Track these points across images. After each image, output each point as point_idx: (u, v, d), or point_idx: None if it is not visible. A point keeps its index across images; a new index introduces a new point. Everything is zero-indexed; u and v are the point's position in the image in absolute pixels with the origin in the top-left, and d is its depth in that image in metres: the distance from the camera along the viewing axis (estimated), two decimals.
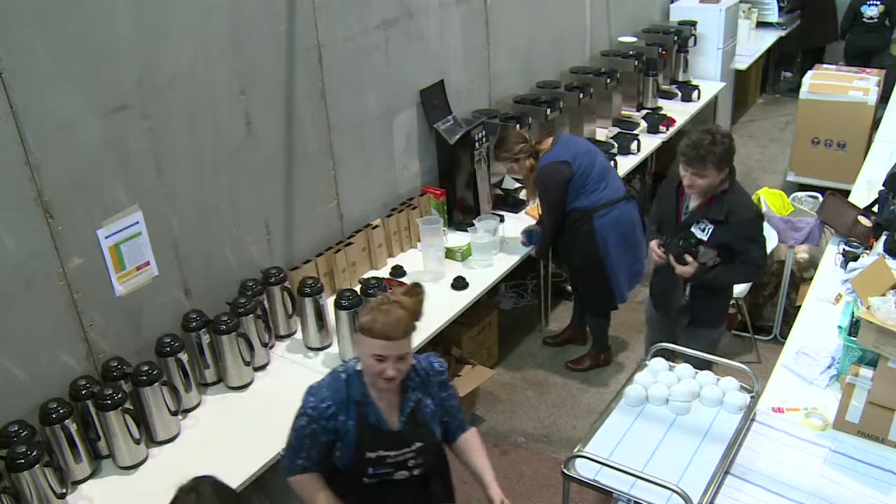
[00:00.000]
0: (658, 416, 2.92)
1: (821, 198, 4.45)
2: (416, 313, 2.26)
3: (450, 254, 4.17)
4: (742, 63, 7.37)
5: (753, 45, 7.65)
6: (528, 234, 4.32)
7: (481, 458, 2.50)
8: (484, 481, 2.45)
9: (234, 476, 2.78)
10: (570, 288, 5.32)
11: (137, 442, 2.90)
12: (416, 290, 2.30)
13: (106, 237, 2.93)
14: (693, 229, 3.23)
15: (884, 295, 2.74)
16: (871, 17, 7.22)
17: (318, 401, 2.30)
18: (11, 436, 2.67)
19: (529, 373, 4.64)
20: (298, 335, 3.61)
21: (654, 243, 3.39)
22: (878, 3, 7.16)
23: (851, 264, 3.55)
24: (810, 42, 8.22)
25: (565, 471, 2.67)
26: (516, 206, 4.73)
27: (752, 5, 7.81)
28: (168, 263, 3.20)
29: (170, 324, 3.22)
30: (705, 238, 3.21)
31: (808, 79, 6.17)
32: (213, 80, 3.22)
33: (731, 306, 4.91)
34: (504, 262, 4.19)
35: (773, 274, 4.72)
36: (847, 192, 4.52)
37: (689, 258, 3.18)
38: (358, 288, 3.53)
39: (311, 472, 2.38)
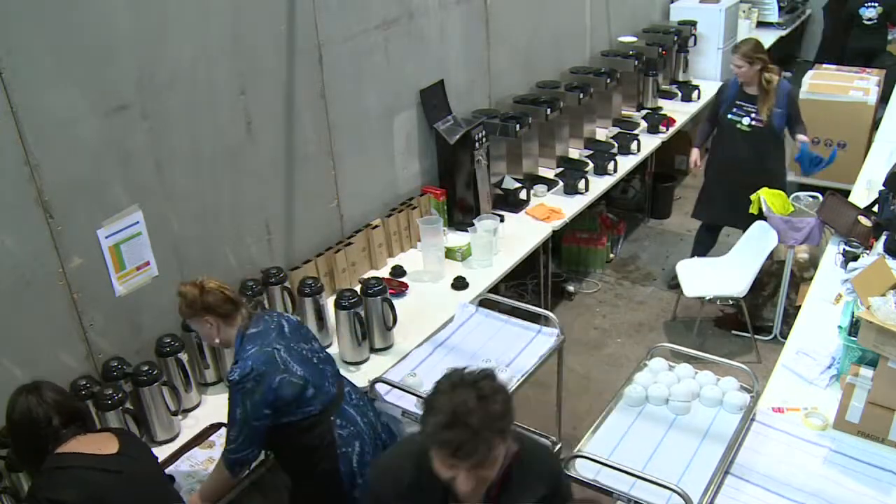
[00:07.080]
0: (658, 416, 2.92)
1: (821, 198, 4.45)
2: None
3: (450, 254, 4.17)
4: None
5: None
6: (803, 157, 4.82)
7: None
8: None
9: None
10: (570, 288, 5.32)
11: None
12: None
13: (106, 237, 2.93)
14: None
15: (884, 295, 2.74)
16: (870, 19, 7.19)
17: None
18: None
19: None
20: None
21: None
22: (877, 4, 7.14)
23: (851, 264, 3.55)
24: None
25: (565, 471, 2.67)
26: (516, 205, 4.72)
27: (752, 5, 7.80)
28: (168, 263, 3.20)
29: (170, 324, 3.21)
30: None
31: (808, 79, 6.16)
32: (213, 80, 3.22)
33: (731, 306, 4.94)
34: (504, 262, 4.19)
35: (773, 274, 4.72)
36: (847, 192, 4.52)
37: None
38: (358, 288, 3.53)
39: None
